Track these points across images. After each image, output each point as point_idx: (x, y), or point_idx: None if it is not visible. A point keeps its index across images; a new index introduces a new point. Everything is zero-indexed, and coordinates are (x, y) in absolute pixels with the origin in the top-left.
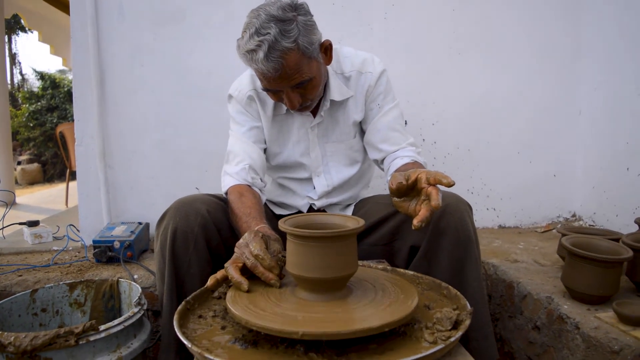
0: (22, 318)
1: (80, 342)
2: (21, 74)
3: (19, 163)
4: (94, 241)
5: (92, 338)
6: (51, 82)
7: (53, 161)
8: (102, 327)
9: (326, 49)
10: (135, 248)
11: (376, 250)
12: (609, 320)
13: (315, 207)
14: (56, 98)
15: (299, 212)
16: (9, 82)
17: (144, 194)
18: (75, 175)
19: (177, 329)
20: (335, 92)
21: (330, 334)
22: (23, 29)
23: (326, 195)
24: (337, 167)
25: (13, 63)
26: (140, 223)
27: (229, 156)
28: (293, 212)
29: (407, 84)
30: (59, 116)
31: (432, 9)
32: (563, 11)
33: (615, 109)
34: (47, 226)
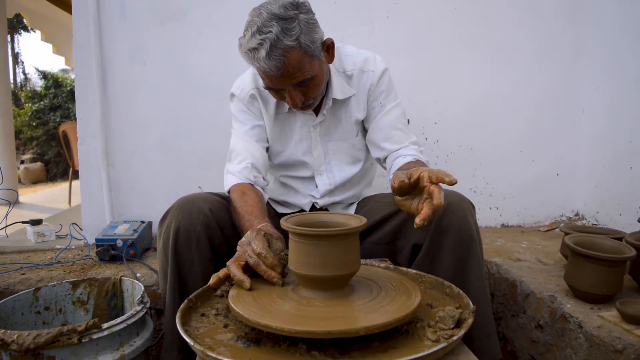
0: (25, 316)
1: (83, 340)
2: (24, 74)
3: (22, 162)
4: (97, 240)
5: (95, 336)
6: (54, 82)
7: (56, 160)
8: (105, 326)
9: (328, 48)
10: (137, 246)
11: (379, 248)
12: (612, 319)
13: (317, 206)
14: (59, 97)
15: (302, 211)
16: (12, 82)
17: (146, 193)
18: (78, 174)
19: (180, 327)
20: (337, 91)
21: (333, 333)
22: (25, 29)
23: (328, 193)
24: (340, 166)
25: (16, 62)
26: (142, 222)
27: (231, 155)
28: (295, 211)
29: (409, 83)
30: (62, 115)
31: (434, 8)
32: (564, 10)
33: (617, 108)
34: (50, 225)
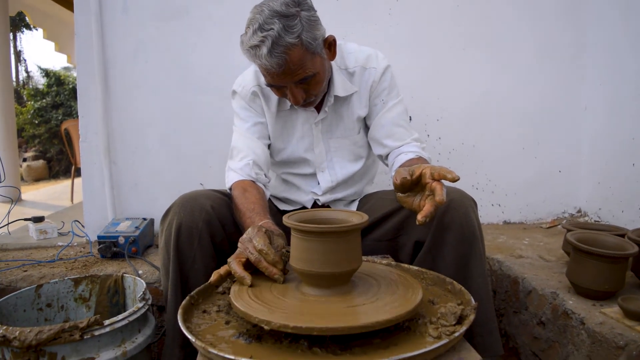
0: (27, 313)
1: (85, 337)
2: (26, 71)
3: (25, 160)
4: (99, 237)
5: (97, 333)
6: (56, 79)
7: (58, 158)
8: (107, 322)
9: (330, 45)
10: (139, 243)
11: (380, 245)
12: (614, 315)
13: (319, 203)
14: (61, 95)
15: (303, 208)
16: (14, 80)
17: (148, 190)
18: (80, 171)
19: (181, 324)
20: (339, 88)
21: (334, 329)
22: (28, 27)
23: (330, 190)
24: (341, 163)
25: (18, 60)
26: (144, 219)
27: (233, 152)
28: (297, 208)
29: (412, 80)
30: (64, 113)
31: (436, 5)
32: (566, 7)
33: (619, 105)
34: (52, 222)
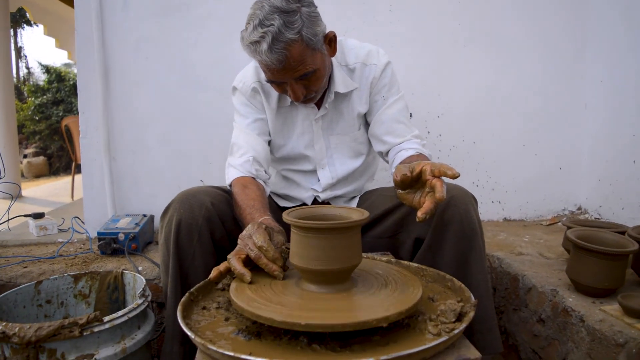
0: (27, 309)
1: (84, 333)
2: (27, 68)
3: (25, 156)
4: (99, 233)
5: (97, 329)
6: (57, 76)
7: (59, 154)
8: (106, 319)
9: (330, 41)
10: (139, 240)
11: (380, 242)
12: (614, 313)
13: (319, 200)
14: (62, 91)
15: (303, 205)
16: (15, 76)
17: (149, 186)
18: (80, 168)
19: (181, 320)
20: (339, 84)
21: (334, 326)
22: (28, 23)
23: (330, 187)
24: (342, 160)
25: (19, 56)
26: (144, 215)
27: (233, 148)
28: (297, 205)
29: (412, 76)
30: (65, 109)
31: (437, 1)
32: (568, 4)
33: (620, 102)
34: (52, 218)
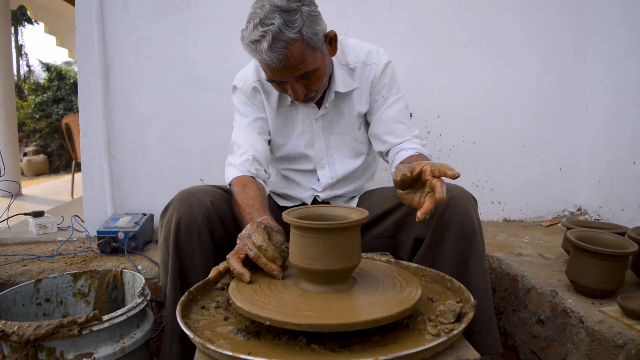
0: (26, 308)
1: (83, 332)
2: (27, 66)
3: (25, 154)
4: (98, 232)
5: (96, 328)
6: (57, 74)
7: (59, 152)
8: (106, 317)
9: (331, 40)
10: (139, 239)
11: (380, 242)
12: (614, 314)
13: (319, 199)
14: (62, 90)
15: (303, 204)
16: (16, 74)
17: (148, 185)
18: (80, 166)
19: (180, 320)
20: (339, 84)
21: (333, 326)
22: (29, 21)
23: (330, 187)
24: (342, 159)
25: (19, 54)
26: (144, 214)
27: (233, 147)
28: (297, 204)
29: (412, 76)
30: (65, 108)
31: (438, 1)
32: (569, 4)
33: (621, 102)
34: (52, 217)
